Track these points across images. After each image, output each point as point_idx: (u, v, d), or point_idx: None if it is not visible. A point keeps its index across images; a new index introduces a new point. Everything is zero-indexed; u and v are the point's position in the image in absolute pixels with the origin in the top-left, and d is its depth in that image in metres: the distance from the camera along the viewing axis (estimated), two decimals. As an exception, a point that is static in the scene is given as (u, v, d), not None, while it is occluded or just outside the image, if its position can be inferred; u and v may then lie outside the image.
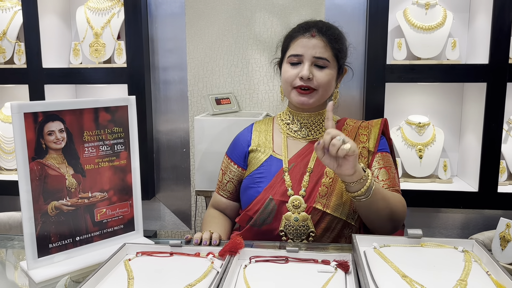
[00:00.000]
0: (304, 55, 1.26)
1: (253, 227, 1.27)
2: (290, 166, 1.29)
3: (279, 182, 1.27)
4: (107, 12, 2.07)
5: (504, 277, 0.83)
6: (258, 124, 1.43)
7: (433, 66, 1.82)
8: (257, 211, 1.26)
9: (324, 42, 1.26)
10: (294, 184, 1.26)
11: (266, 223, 1.26)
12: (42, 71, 2.03)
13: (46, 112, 1.01)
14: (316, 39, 1.26)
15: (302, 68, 1.26)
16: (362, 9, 1.90)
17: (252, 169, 1.34)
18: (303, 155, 1.31)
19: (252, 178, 1.32)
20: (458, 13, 1.96)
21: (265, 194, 1.27)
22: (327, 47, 1.26)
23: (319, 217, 1.24)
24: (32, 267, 1.03)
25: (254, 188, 1.30)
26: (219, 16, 1.95)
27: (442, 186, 1.93)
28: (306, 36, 1.27)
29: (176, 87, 2.08)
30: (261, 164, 1.33)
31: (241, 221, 1.32)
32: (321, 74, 1.26)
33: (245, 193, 1.33)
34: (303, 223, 1.23)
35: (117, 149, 1.15)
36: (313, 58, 1.26)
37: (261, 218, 1.26)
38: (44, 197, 1.03)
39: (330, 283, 0.90)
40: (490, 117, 1.78)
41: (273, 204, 1.25)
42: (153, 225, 2.22)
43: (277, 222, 1.25)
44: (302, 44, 1.27)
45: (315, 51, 1.25)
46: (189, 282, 0.89)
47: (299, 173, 1.28)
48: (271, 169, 1.30)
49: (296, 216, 1.23)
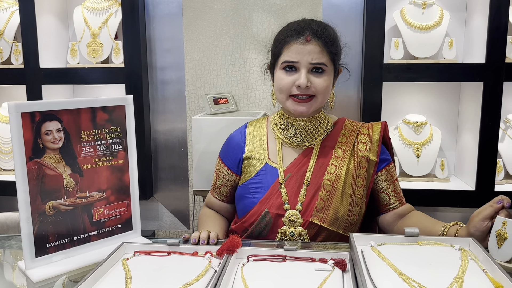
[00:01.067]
0: (300, 62, 1.20)
1: (249, 238, 1.27)
2: (286, 177, 1.26)
3: (275, 194, 1.24)
4: (104, 12, 2.07)
5: (501, 275, 0.84)
6: (251, 127, 1.37)
7: (430, 65, 1.83)
8: (252, 223, 1.25)
9: (320, 46, 1.20)
10: (291, 197, 1.23)
11: (261, 235, 1.25)
12: (39, 71, 2.03)
13: (43, 111, 1.01)
14: (311, 44, 1.20)
15: (298, 76, 1.20)
16: (359, 8, 1.90)
17: (247, 178, 1.30)
18: (299, 164, 1.27)
19: (247, 188, 1.29)
20: (455, 13, 1.97)
21: (261, 206, 1.25)
22: (324, 52, 1.20)
23: (315, 231, 1.22)
24: (30, 267, 1.03)
25: (250, 199, 1.27)
26: (216, 15, 1.95)
27: (439, 185, 1.94)
28: (300, 41, 1.20)
29: (173, 87, 2.08)
30: (256, 173, 1.29)
31: (237, 229, 1.31)
32: (319, 81, 1.21)
33: (240, 202, 1.31)
34: (299, 238, 1.22)
35: (115, 149, 1.15)
36: (310, 65, 1.20)
37: (256, 230, 1.25)
38: (41, 196, 1.03)
39: (327, 281, 0.90)
40: (487, 116, 1.78)
41: (269, 217, 1.23)
42: (151, 225, 2.22)
43: (273, 234, 1.24)
44: (297, 51, 1.20)
45: (311, 57, 1.19)
46: (187, 281, 0.89)
47: (296, 185, 1.24)
48: (267, 179, 1.27)
49: (292, 231, 1.22)
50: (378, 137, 1.29)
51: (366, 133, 1.30)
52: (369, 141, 1.29)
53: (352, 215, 1.24)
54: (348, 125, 1.33)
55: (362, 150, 1.28)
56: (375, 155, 1.28)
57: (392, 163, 1.31)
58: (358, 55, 1.91)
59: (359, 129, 1.32)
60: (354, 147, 1.28)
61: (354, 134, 1.30)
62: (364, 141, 1.29)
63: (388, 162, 1.30)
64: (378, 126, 1.31)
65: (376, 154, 1.28)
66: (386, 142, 1.34)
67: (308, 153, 1.28)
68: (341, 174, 1.24)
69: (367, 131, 1.31)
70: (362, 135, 1.30)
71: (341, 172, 1.24)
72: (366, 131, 1.31)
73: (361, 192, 1.25)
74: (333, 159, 1.26)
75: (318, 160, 1.27)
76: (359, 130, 1.31)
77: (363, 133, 1.31)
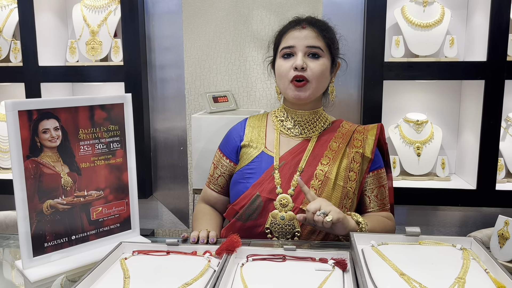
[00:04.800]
0: (296, 46, 1.27)
1: (238, 221, 1.28)
2: (280, 164, 1.29)
3: (268, 179, 1.27)
4: (103, 10, 2.06)
5: (503, 275, 0.83)
6: (252, 120, 1.43)
7: (431, 63, 1.82)
8: (243, 206, 1.27)
9: (316, 32, 1.28)
10: (283, 182, 1.26)
11: (251, 218, 1.26)
12: (38, 69, 2.02)
13: (40, 110, 1.00)
14: (307, 30, 1.28)
15: (295, 58, 1.27)
16: (360, 6, 1.89)
17: (243, 164, 1.34)
18: (295, 153, 1.31)
19: (242, 173, 1.33)
20: (456, 11, 1.96)
21: (253, 190, 1.27)
22: (319, 37, 1.28)
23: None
24: (27, 266, 1.02)
25: (243, 184, 1.30)
26: (216, 13, 1.94)
27: (440, 184, 1.93)
28: (297, 29, 1.29)
29: (173, 85, 2.07)
30: (252, 159, 1.33)
31: (228, 215, 1.33)
32: (314, 65, 1.27)
33: (234, 187, 1.34)
34: (289, 222, 1.23)
35: (113, 147, 1.14)
36: (306, 48, 1.27)
37: (246, 213, 1.27)
38: (39, 195, 1.03)
39: (327, 281, 0.89)
40: (488, 114, 1.77)
41: (259, 200, 1.25)
42: (151, 224, 2.21)
43: (263, 219, 1.25)
44: (294, 36, 1.28)
45: (307, 41, 1.27)
46: (185, 281, 0.89)
47: (289, 172, 1.28)
48: (262, 165, 1.31)
49: (282, 214, 1.24)
50: (374, 137, 1.33)
51: (362, 132, 1.35)
52: (364, 139, 1.33)
53: (343, 207, 1.26)
54: (345, 124, 1.38)
55: (357, 146, 1.32)
56: (370, 152, 1.31)
57: (382, 168, 1.34)
58: (359, 53, 1.90)
59: (355, 129, 1.36)
60: (350, 143, 1.32)
61: (350, 132, 1.35)
62: (360, 138, 1.33)
63: (378, 167, 1.33)
64: (374, 128, 1.35)
65: (371, 151, 1.31)
66: (382, 147, 1.37)
67: (304, 144, 1.32)
68: (334, 165, 1.27)
69: (363, 130, 1.36)
70: (358, 133, 1.35)
71: (335, 164, 1.27)
72: (362, 130, 1.36)
73: (353, 185, 1.28)
74: (328, 151, 1.30)
75: (313, 150, 1.31)
76: (356, 129, 1.36)
77: (359, 131, 1.35)
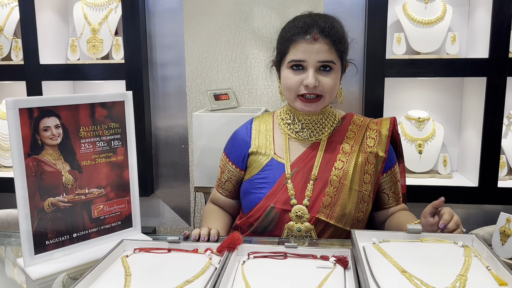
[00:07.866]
0: (307, 61, 1.17)
1: (254, 233, 1.25)
2: (292, 172, 1.24)
3: (281, 189, 1.22)
4: (104, 8, 2.06)
5: (505, 272, 0.83)
6: (257, 122, 1.36)
7: (433, 60, 1.81)
8: (258, 219, 1.23)
9: (328, 44, 1.17)
10: (297, 192, 1.21)
11: (267, 231, 1.24)
12: (39, 67, 2.02)
13: (41, 107, 1.00)
14: (319, 43, 1.17)
15: (306, 75, 1.18)
16: (361, 3, 1.89)
17: (253, 173, 1.28)
18: (306, 159, 1.25)
19: (253, 183, 1.27)
20: (458, 7, 1.95)
21: (267, 201, 1.23)
22: (332, 50, 1.18)
23: (322, 227, 1.21)
24: (28, 264, 1.03)
25: (255, 194, 1.26)
26: (217, 11, 1.94)
27: (442, 181, 1.92)
28: (307, 40, 1.17)
29: (174, 83, 2.07)
30: (262, 168, 1.27)
31: (242, 224, 1.30)
32: (326, 80, 1.19)
33: (246, 197, 1.30)
34: (306, 234, 1.21)
35: (114, 145, 1.14)
36: (318, 63, 1.17)
37: (262, 226, 1.23)
38: (40, 193, 1.03)
39: (329, 278, 0.89)
40: (490, 111, 1.77)
41: (274, 212, 1.22)
42: (152, 221, 2.21)
43: (279, 230, 1.22)
44: (304, 49, 1.17)
45: (319, 56, 1.17)
46: (187, 278, 0.89)
47: (302, 180, 1.22)
48: (273, 174, 1.25)
49: (299, 226, 1.20)
50: (387, 133, 1.28)
51: (375, 129, 1.29)
52: (378, 136, 1.28)
53: (359, 211, 1.23)
54: (356, 120, 1.31)
55: (370, 145, 1.27)
56: (384, 151, 1.26)
57: (396, 164, 1.31)
58: (360, 50, 1.89)
59: (367, 125, 1.30)
60: (363, 143, 1.27)
61: (362, 129, 1.29)
62: (373, 136, 1.28)
63: (393, 164, 1.30)
64: (388, 122, 1.30)
65: (385, 150, 1.27)
66: (395, 138, 1.33)
67: (315, 148, 1.27)
68: (349, 170, 1.23)
69: (376, 126, 1.30)
70: (371, 130, 1.29)
71: (349, 168, 1.23)
72: (375, 126, 1.30)
73: (369, 188, 1.24)
74: (341, 154, 1.25)
75: (325, 154, 1.25)
76: (368, 125, 1.30)
77: (372, 128, 1.29)
